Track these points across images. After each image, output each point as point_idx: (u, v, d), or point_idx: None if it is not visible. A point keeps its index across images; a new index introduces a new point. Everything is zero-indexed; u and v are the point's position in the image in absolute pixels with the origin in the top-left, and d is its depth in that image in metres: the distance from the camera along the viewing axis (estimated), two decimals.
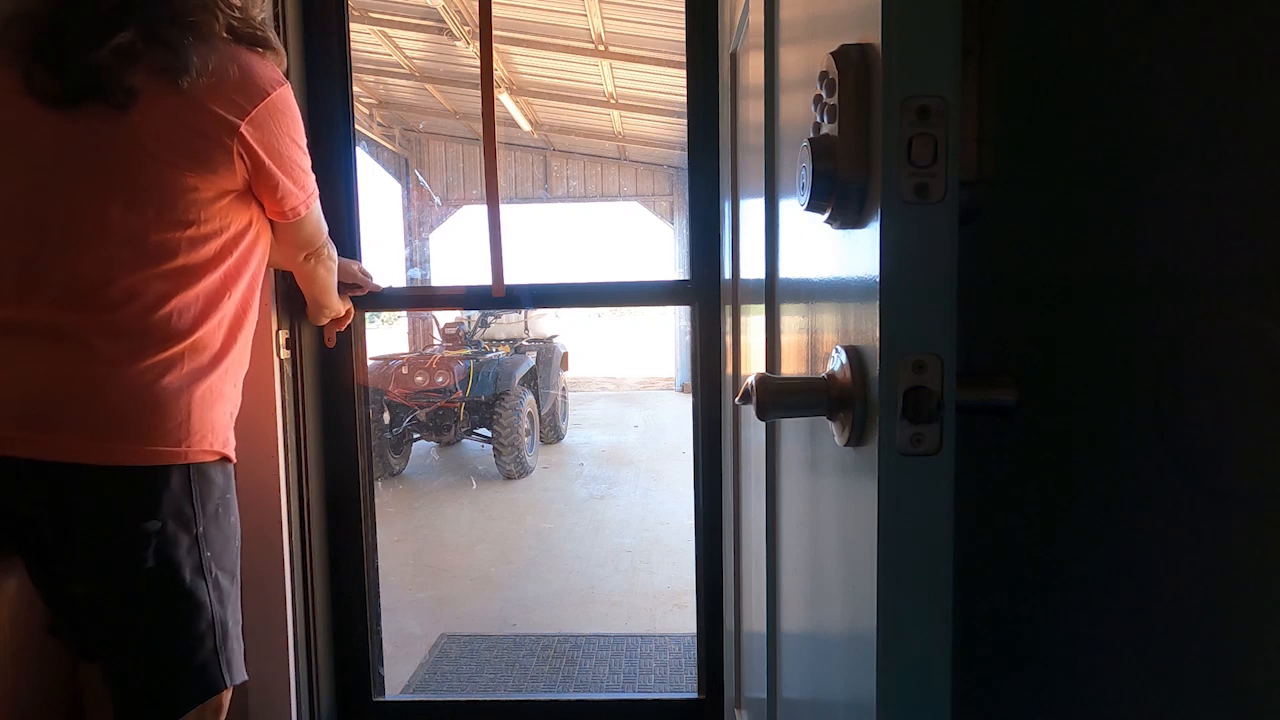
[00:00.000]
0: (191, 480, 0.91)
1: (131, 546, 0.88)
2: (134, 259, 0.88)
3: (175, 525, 0.90)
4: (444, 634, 2.81)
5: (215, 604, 0.93)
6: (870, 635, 0.46)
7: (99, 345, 0.86)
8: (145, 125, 0.86)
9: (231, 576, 0.97)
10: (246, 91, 0.91)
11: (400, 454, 5.91)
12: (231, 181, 0.93)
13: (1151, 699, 0.69)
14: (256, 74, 0.93)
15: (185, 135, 0.88)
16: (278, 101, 0.94)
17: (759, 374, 0.55)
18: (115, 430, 0.86)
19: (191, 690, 0.93)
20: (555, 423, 7.08)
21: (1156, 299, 0.68)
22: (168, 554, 0.89)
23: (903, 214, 0.43)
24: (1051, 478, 0.80)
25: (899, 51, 0.43)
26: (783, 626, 0.87)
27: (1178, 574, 0.66)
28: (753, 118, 0.98)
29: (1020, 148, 0.75)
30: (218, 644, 0.94)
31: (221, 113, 0.89)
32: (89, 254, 0.87)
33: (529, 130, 9.13)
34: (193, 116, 0.88)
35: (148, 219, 0.88)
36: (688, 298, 1.52)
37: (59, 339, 0.86)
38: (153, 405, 0.88)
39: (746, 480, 1.16)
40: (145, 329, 0.88)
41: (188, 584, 0.91)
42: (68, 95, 0.85)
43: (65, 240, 0.87)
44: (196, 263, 0.91)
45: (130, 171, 0.87)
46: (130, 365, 0.87)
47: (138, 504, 0.88)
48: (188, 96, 0.87)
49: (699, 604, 1.56)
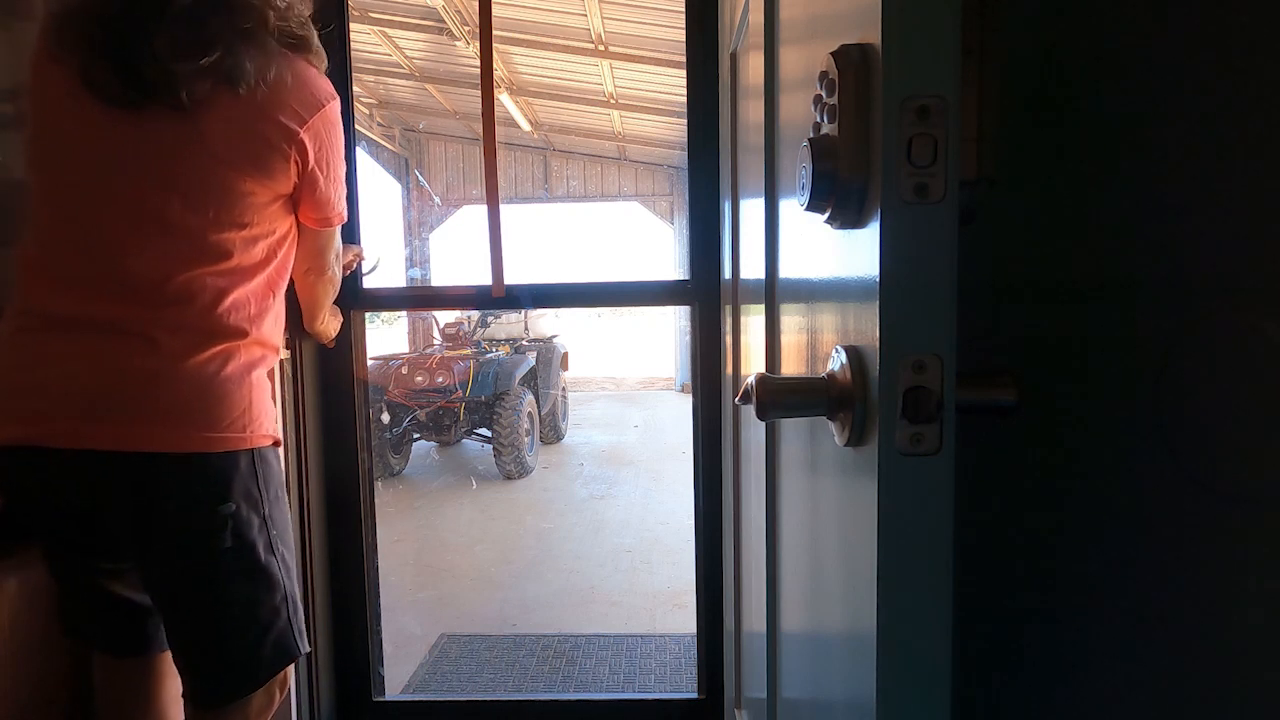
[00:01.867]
0: (255, 465, 0.95)
1: (211, 529, 0.91)
2: (193, 257, 0.90)
3: (247, 507, 0.94)
4: (444, 634, 2.81)
5: (285, 578, 0.99)
6: (870, 635, 0.46)
7: (161, 339, 0.89)
8: (211, 129, 0.89)
9: (293, 553, 1.02)
10: (305, 101, 0.95)
11: (400, 454, 5.91)
12: (285, 186, 0.97)
13: (1151, 699, 0.69)
14: (314, 84, 0.97)
15: (249, 141, 0.91)
16: (331, 114, 0.99)
17: (759, 374, 0.55)
18: (186, 419, 0.89)
19: (274, 659, 0.98)
20: (555, 423, 7.08)
21: (1156, 299, 0.68)
22: (243, 534, 0.93)
23: (903, 214, 0.43)
24: (1051, 478, 0.80)
25: (899, 51, 0.43)
26: (783, 626, 0.87)
27: (1178, 574, 0.66)
28: (753, 118, 0.98)
29: (1020, 148, 0.75)
30: (290, 614, 0.99)
31: (284, 120, 0.93)
32: (149, 251, 0.89)
33: (529, 130, 9.13)
34: (257, 123, 0.91)
35: (206, 219, 0.90)
36: (688, 298, 1.52)
37: (121, 333, 0.88)
38: (220, 395, 0.91)
39: (746, 480, 1.16)
40: (204, 324, 0.91)
41: (263, 561, 0.95)
42: (133, 97, 0.87)
43: (126, 237, 0.89)
44: (248, 263, 0.95)
45: (193, 173, 0.90)
46: (192, 358, 0.90)
47: (213, 488, 0.91)
48: (251, 103, 0.90)
49: (699, 604, 1.56)
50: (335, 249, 1.16)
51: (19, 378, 0.89)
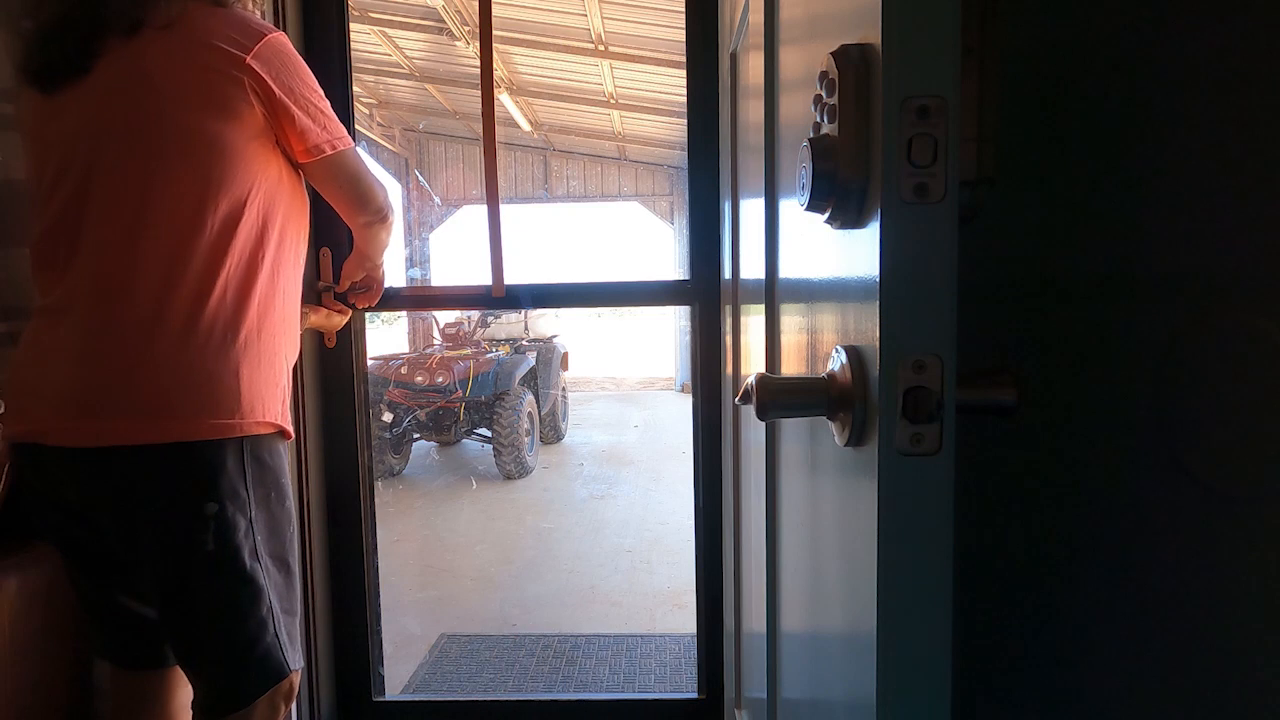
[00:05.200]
0: (245, 461, 0.90)
1: (192, 529, 0.87)
2: (169, 236, 0.87)
3: (232, 508, 0.89)
4: (444, 634, 2.81)
5: (272, 589, 0.93)
6: (870, 635, 0.46)
7: (143, 325, 0.86)
8: (154, 69, 0.86)
9: (282, 563, 0.95)
10: (244, 30, 0.91)
11: (400, 454, 5.91)
12: (253, 120, 0.91)
13: (1151, 698, 0.69)
14: (248, 18, 0.94)
15: (196, 72, 0.87)
16: (276, 42, 0.93)
17: (759, 374, 0.55)
18: (165, 408, 0.86)
19: (260, 676, 0.92)
20: (555, 423, 7.08)
21: (1156, 299, 0.68)
22: (227, 537, 0.88)
23: (902, 214, 0.43)
24: (1051, 478, 0.80)
25: (899, 51, 0.43)
26: (783, 626, 0.87)
27: (1178, 573, 0.66)
28: (753, 118, 0.98)
29: (1020, 148, 0.75)
30: (277, 629, 0.93)
31: (225, 47, 0.88)
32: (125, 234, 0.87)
33: (529, 130, 9.13)
34: (199, 52, 0.88)
35: (180, 187, 0.87)
36: (688, 298, 1.52)
37: (103, 323, 0.86)
38: (202, 379, 0.87)
39: (746, 480, 1.16)
40: (185, 308, 0.87)
41: (247, 568, 0.90)
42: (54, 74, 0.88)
43: (100, 224, 0.87)
44: (230, 238, 0.90)
45: (151, 126, 0.87)
46: (171, 343, 0.86)
47: (195, 484, 0.87)
48: (187, 36, 0.88)
49: (699, 604, 1.56)
50: (368, 178, 1.08)
51: (25, 374, 0.90)
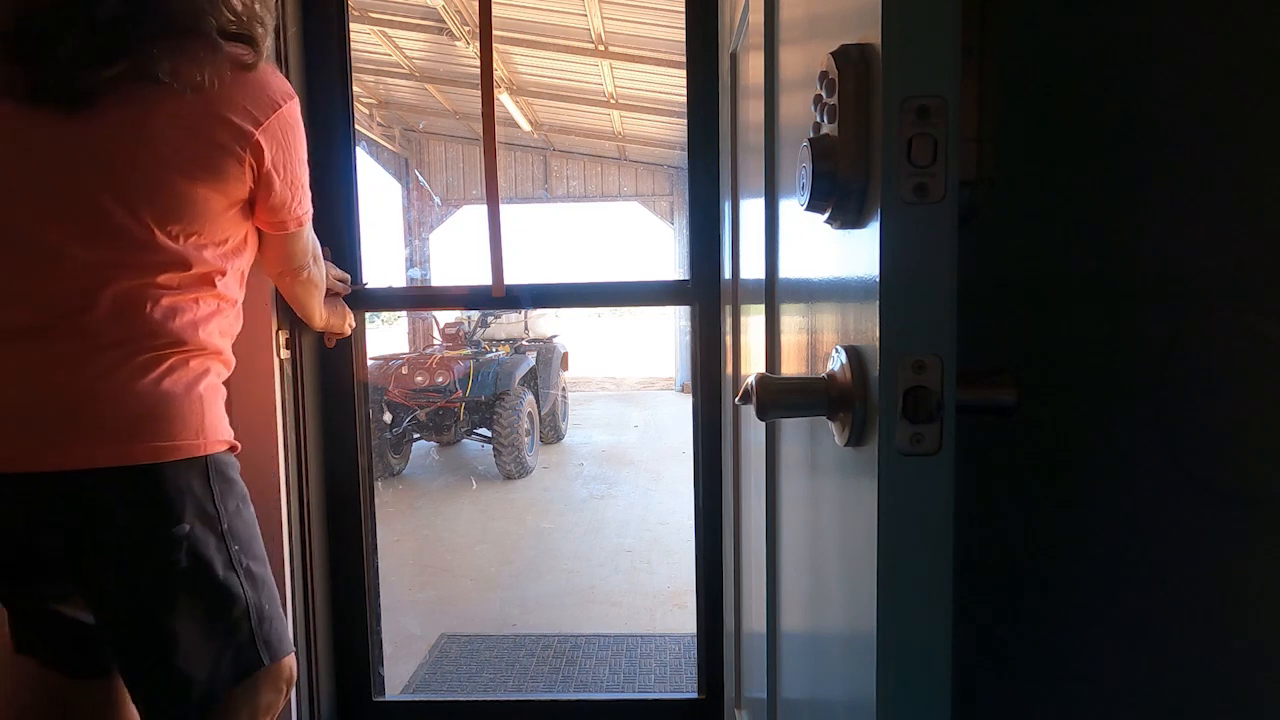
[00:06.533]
0: (211, 479, 0.91)
1: (165, 550, 0.88)
2: (134, 265, 0.86)
3: (202, 527, 0.90)
4: (444, 634, 2.82)
5: (249, 592, 0.95)
6: (870, 635, 0.46)
7: (99, 350, 0.85)
8: (156, 132, 0.85)
9: (262, 562, 0.98)
10: (260, 101, 0.90)
11: (400, 454, 5.91)
12: (240, 191, 0.92)
13: (1151, 698, 0.69)
14: (269, 83, 0.92)
15: (198, 144, 0.87)
16: (289, 114, 0.94)
17: (759, 374, 0.55)
18: (127, 433, 0.86)
19: (228, 672, 0.93)
20: (555, 423, 7.08)
21: (1156, 299, 0.68)
22: (199, 553, 0.90)
23: (903, 214, 0.44)
24: (1051, 478, 0.80)
25: (899, 51, 0.43)
26: (783, 626, 0.87)
27: (1178, 574, 0.66)
28: (753, 118, 0.98)
29: (1020, 148, 0.75)
30: (254, 627, 0.95)
31: (236, 120, 0.88)
32: (86, 259, 0.85)
33: (529, 130, 9.13)
34: (206, 125, 0.87)
35: (150, 227, 0.86)
36: (688, 298, 1.52)
37: (56, 346, 0.85)
38: (166, 403, 0.88)
39: (746, 480, 1.16)
40: (146, 335, 0.87)
41: (221, 579, 0.91)
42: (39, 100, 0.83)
43: (63, 245, 0.85)
44: (197, 272, 0.91)
45: (138, 178, 0.86)
46: (133, 370, 0.86)
47: (163, 508, 0.87)
48: (200, 104, 0.86)
49: (699, 604, 1.56)
50: (308, 250, 1.12)
51: None
